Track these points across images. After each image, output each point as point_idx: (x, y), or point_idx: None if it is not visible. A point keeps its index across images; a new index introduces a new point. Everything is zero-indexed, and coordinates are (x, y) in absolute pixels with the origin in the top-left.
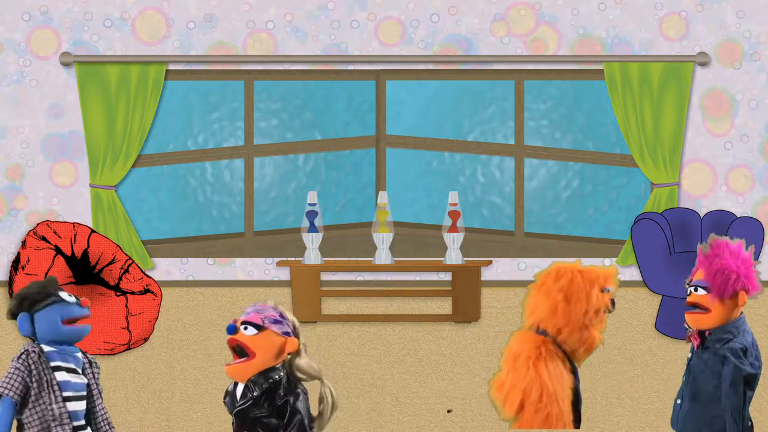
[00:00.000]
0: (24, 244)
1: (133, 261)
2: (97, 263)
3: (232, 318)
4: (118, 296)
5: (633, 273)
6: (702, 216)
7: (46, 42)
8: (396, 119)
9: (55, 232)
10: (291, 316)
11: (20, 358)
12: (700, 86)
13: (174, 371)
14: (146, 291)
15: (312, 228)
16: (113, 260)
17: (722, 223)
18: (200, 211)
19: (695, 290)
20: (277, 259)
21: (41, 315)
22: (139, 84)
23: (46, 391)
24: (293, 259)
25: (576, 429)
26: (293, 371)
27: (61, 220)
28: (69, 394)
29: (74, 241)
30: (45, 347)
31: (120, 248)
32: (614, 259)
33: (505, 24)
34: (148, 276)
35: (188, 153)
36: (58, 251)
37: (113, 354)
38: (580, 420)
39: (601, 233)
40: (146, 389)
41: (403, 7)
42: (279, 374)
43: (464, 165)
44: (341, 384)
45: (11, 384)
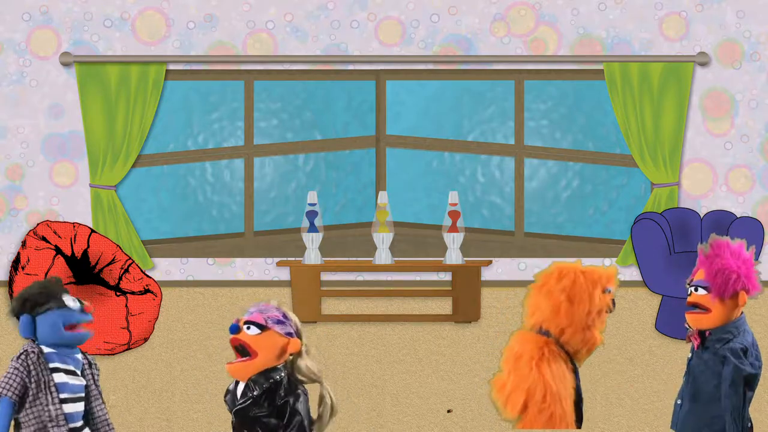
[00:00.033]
0: (24, 244)
1: (133, 261)
2: (97, 263)
3: (235, 318)
4: (118, 296)
5: (633, 273)
6: (702, 216)
7: (46, 42)
8: (396, 119)
9: (55, 232)
10: (294, 317)
11: (20, 359)
12: (700, 86)
13: (174, 371)
14: (146, 291)
15: (312, 228)
16: (113, 260)
17: (722, 223)
18: (200, 211)
19: (696, 290)
20: (277, 259)
21: (43, 319)
22: (139, 84)
23: (44, 392)
24: (293, 259)
25: (578, 429)
26: (294, 372)
27: (61, 220)
28: (66, 396)
29: (74, 241)
30: (45, 348)
31: (120, 248)
32: (614, 259)
33: (505, 24)
34: (148, 276)
35: (188, 153)
36: (58, 251)
37: (113, 354)
38: (582, 419)
39: (601, 233)
40: (146, 389)
41: (403, 7)
42: (280, 374)
43: (464, 165)
44: (341, 384)
45: (10, 384)
